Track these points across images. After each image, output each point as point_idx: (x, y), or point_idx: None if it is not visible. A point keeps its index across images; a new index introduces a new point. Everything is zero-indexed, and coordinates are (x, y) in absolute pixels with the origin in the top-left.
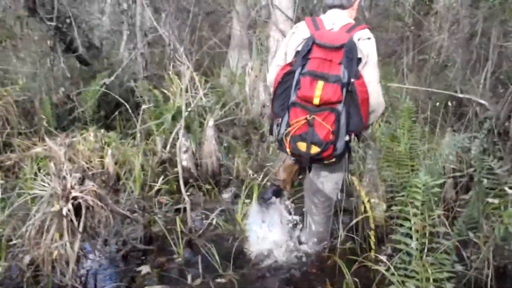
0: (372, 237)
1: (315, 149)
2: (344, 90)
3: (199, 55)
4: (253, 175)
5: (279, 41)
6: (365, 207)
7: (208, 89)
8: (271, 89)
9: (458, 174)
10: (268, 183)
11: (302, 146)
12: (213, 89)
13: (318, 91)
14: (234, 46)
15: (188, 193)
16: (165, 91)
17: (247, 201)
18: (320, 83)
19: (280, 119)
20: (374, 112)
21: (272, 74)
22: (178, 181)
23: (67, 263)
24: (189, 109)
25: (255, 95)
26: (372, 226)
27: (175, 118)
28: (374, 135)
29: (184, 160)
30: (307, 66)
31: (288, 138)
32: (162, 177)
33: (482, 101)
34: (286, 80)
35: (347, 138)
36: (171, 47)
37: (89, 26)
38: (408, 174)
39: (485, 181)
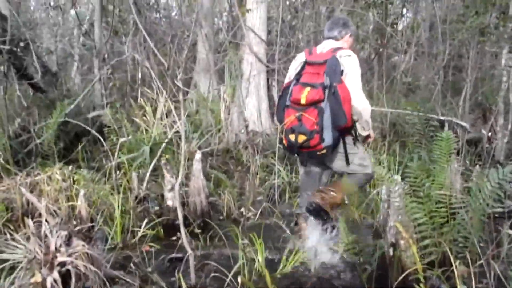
0: None
1: (302, 138)
2: (327, 91)
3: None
4: (247, 213)
5: (252, 64)
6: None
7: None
8: None
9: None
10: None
11: (292, 136)
12: (187, 117)
13: (305, 94)
14: (199, 70)
15: (175, 238)
16: (137, 120)
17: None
18: (307, 89)
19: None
20: (360, 115)
21: None
22: (163, 224)
23: None
24: (166, 140)
25: (229, 123)
26: (422, 279)
27: (152, 150)
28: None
29: (169, 199)
30: (300, 79)
31: (283, 133)
32: (146, 220)
33: (464, 124)
34: (285, 93)
35: (337, 133)
36: (144, 72)
37: (47, 50)
38: (445, 212)
39: None
